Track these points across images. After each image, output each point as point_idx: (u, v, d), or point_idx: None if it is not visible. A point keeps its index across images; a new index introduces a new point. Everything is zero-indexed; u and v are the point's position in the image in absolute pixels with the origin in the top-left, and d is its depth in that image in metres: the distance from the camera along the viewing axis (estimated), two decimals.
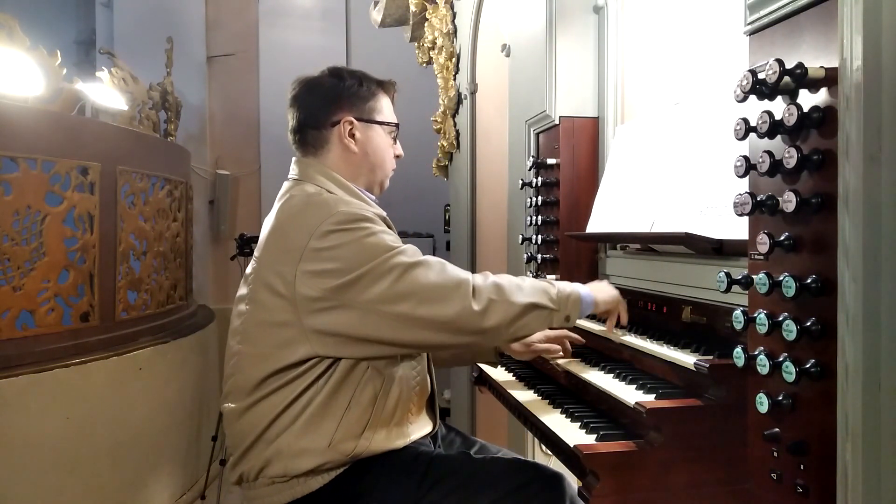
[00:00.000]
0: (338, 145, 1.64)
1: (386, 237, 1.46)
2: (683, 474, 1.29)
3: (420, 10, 3.73)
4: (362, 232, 1.44)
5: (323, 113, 1.64)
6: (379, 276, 1.41)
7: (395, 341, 1.44)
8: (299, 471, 1.45)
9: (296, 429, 1.45)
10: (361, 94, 1.67)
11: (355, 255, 1.42)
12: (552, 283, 1.56)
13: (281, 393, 1.46)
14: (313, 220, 1.45)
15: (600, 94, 2.12)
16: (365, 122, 1.66)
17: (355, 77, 1.68)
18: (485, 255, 3.19)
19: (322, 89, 1.66)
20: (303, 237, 1.44)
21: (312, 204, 1.51)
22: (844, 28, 0.92)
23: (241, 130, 5.77)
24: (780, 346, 1.03)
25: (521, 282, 1.52)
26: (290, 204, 1.56)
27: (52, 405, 2.81)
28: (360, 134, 1.65)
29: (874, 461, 0.90)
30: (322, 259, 1.42)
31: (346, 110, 1.64)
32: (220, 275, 5.64)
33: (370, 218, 1.48)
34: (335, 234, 1.43)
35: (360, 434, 1.47)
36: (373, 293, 1.40)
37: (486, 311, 1.43)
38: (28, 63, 3.03)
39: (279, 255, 1.48)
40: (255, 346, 1.50)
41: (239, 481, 1.55)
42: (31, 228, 2.88)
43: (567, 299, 1.54)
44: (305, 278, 1.42)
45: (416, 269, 1.43)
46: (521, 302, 1.47)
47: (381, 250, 1.43)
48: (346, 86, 1.66)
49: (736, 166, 1.12)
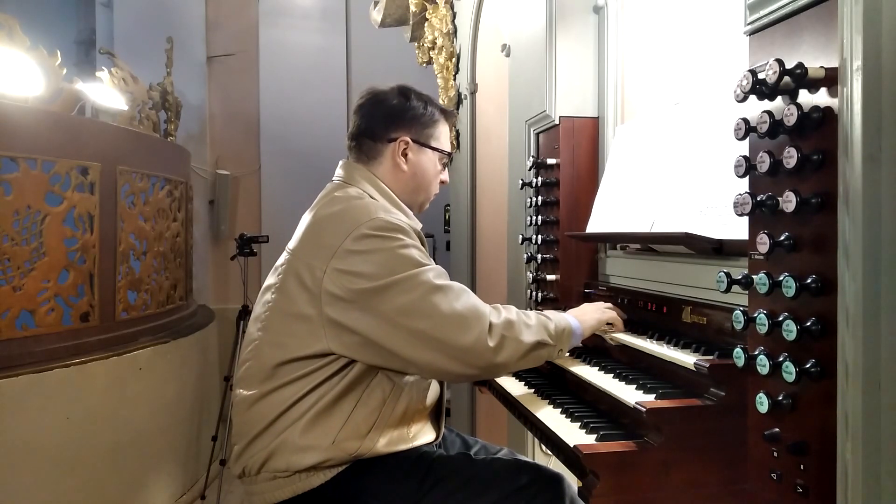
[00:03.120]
0: (389, 160, 1.70)
1: (416, 252, 1.49)
2: (683, 474, 1.29)
3: (420, 10, 3.73)
4: (397, 242, 1.47)
5: (382, 127, 1.70)
6: (405, 289, 1.43)
7: (406, 356, 1.45)
8: (301, 466, 1.46)
9: (302, 424, 1.46)
10: (423, 119, 1.73)
11: (385, 264, 1.45)
12: (549, 318, 1.60)
13: (294, 385, 1.48)
14: (351, 222, 1.49)
15: (600, 94, 2.12)
16: (420, 144, 1.72)
17: (422, 100, 1.75)
18: (485, 255, 3.19)
19: (387, 105, 1.72)
20: (339, 236, 1.47)
21: (353, 206, 1.55)
22: (844, 28, 0.92)
23: (241, 130, 5.77)
24: (780, 346, 1.03)
25: (528, 319, 1.55)
26: (332, 202, 1.60)
27: (52, 405, 2.81)
28: (413, 155, 1.71)
29: (874, 461, 0.90)
30: (354, 261, 1.45)
31: (405, 130, 1.70)
32: (220, 275, 5.64)
33: (405, 230, 1.51)
34: (370, 240, 1.46)
35: (365, 435, 1.48)
36: (395, 304, 1.43)
37: (499, 347, 1.46)
38: (28, 63, 3.03)
39: (314, 250, 1.51)
40: (273, 334, 1.53)
41: (241, 474, 1.56)
42: (31, 228, 2.88)
43: (562, 333, 1.59)
44: (334, 276, 1.45)
45: (440, 292, 1.45)
46: (529, 341, 1.51)
47: (411, 264, 1.46)
48: (410, 106, 1.72)
49: (736, 166, 1.12)
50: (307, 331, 1.47)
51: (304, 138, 5.70)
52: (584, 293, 2.07)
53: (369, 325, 1.43)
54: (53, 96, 3.21)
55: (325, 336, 1.46)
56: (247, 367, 1.57)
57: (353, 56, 5.95)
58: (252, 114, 5.80)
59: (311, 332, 1.47)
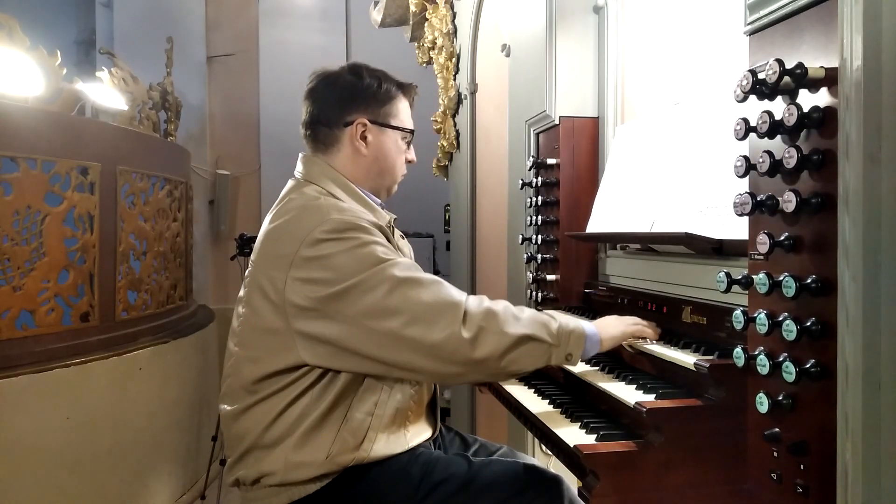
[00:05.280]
0: (348, 146, 1.60)
1: (377, 248, 1.41)
2: (683, 474, 1.29)
3: (420, 10, 3.73)
4: (353, 242, 1.40)
5: (336, 111, 1.60)
6: (367, 289, 1.36)
7: (381, 359, 1.38)
8: (297, 480, 1.44)
9: (292, 442, 1.43)
10: (379, 96, 1.62)
11: (344, 266, 1.37)
12: (554, 317, 1.47)
13: (274, 399, 1.45)
14: (305, 227, 1.42)
15: (600, 94, 2.11)
16: (379, 125, 1.62)
17: (375, 77, 1.63)
18: (485, 255, 3.19)
19: (338, 86, 1.62)
20: (294, 244, 1.41)
21: (306, 209, 1.48)
22: (844, 28, 0.92)
23: (241, 130, 5.77)
24: (780, 346, 1.03)
25: (520, 312, 1.44)
26: (287, 207, 1.52)
27: (52, 405, 2.81)
28: (373, 137, 1.61)
29: (874, 461, 0.90)
30: (312, 267, 1.39)
31: (360, 111, 1.60)
32: (220, 275, 5.64)
33: (363, 227, 1.43)
34: (325, 244, 1.39)
35: (359, 446, 1.45)
36: (360, 306, 1.35)
37: (476, 339, 1.35)
38: (28, 63, 3.03)
39: (271, 261, 1.46)
40: (249, 350, 1.49)
41: (235, 484, 1.54)
42: (31, 228, 2.88)
43: (569, 336, 1.45)
44: (295, 286, 1.39)
45: (407, 285, 1.37)
46: (515, 333, 1.39)
47: (371, 262, 1.38)
48: (364, 85, 1.61)
49: (736, 166, 1.12)
50: (278, 344, 1.42)
51: None
52: (584, 293, 2.07)
53: (338, 333, 1.37)
54: (53, 96, 3.21)
55: (296, 348, 1.41)
56: (228, 383, 1.53)
57: (353, 56, 5.95)
58: (252, 114, 5.80)
59: (282, 346, 1.42)
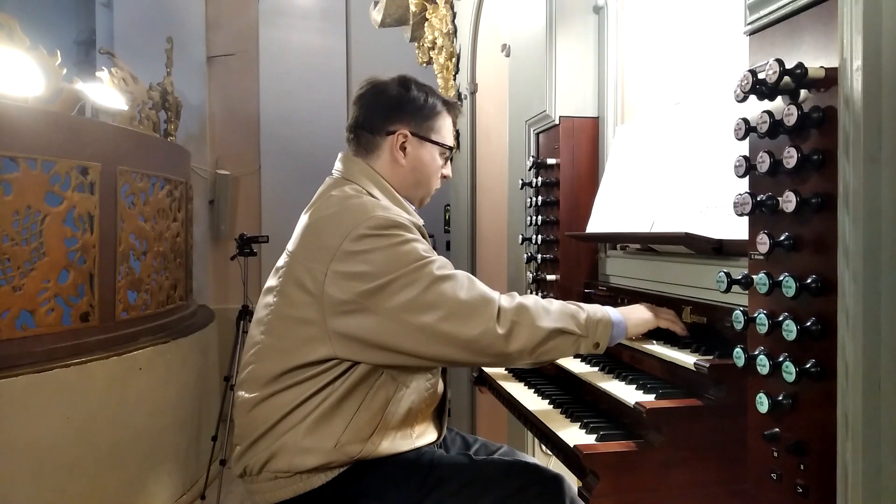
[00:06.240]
0: (388, 154, 1.65)
1: (418, 246, 1.46)
2: (683, 474, 1.29)
3: (420, 10, 3.73)
4: (396, 239, 1.44)
5: (381, 119, 1.65)
6: (406, 284, 1.40)
7: (415, 353, 1.42)
8: (303, 468, 1.46)
9: (304, 427, 1.45)
10: (424, 110, 1.68)
11: (386, 261, 1.42)
12: (581, 308, 1.51)
13: (296, 389, 1.47)
14: (349, 222, 1.46)
15: (600, 94, 2.11)
16: (420, 138, 1.67)
17: (423, 91, 1.69)
18: (485, 254, 3.19)
19: (386, 96, 1.67)
20: (337, 238, 1.45)
21: (350, 205, 1.52)
22: (844, 28, 0.92)
23: (241, 130, 5.77)
24: (780, 346, 1.03)
25: (549, 305, 1.49)
26: (329, 203, 1.56)
27: (52, 405, 2.81)
28: (412, 149, 1.66)
29: (874, 461, 0.90)
30: (354, 262, 1.42)
31: (404, 122, 1.66)
32: (220, 275, 5.64)
33: (405, 225, 1.48)
34: (369, 239, 1.43)
35: (368, 438, 1.47)
36: (398, 301, 1.40)
37: (510, 334, 1.41)
38: (28, 63, 3.03)
39: (312, 253, 1.49)
40: (278, 340, 1.51)
41: (242, 474, 1.56)
42: (31, 228, 2.89)
43: (597, 325, 1.49)
44: (335, 279, 1.43)
45: (445, 282, 1.42)
46: (547, 327, 1.44)
47: (411, 258, 1.43)
48: (410, 97, 1.67)
49: (736, 166, 1.12)
50: (311, 335, 1.45)
51: (304, 138, 5.70)
52: (585, 293, 2.07)
53: (375, 326, 1.41)
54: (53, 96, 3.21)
55: (329, 341, 1.44)
56: (250, 371, 1.55)
57: (353, 56, 5.95)
58: (252, 114, 5.80)
59: (314, 337, 1.45)
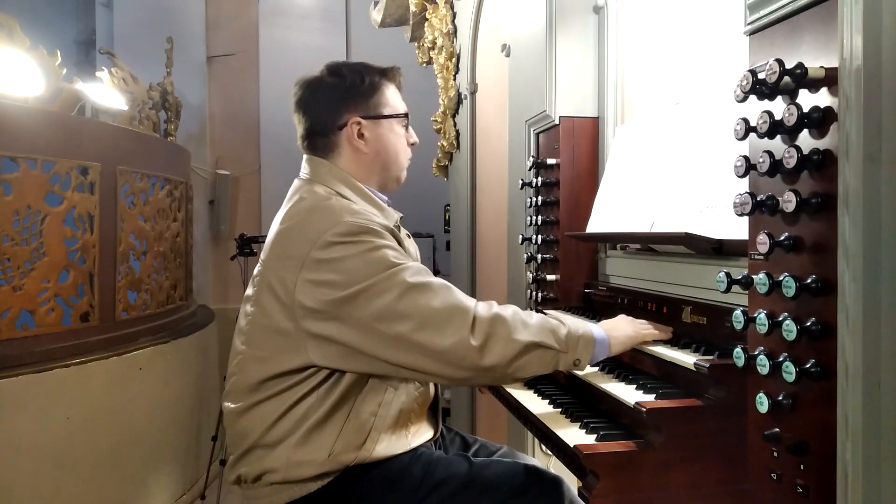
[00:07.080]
0: (348, 148, 1.59)
1: (389, 252, 1.41)
2: (683, 474, 1.29)
3: (420, 10, 3.73)
4: (365, 245, 1.40)
5: (329, 117, 1.59)
6: (378, 292, 1.36)
7: (392, 361, 1.39)
8: (298, 478, 1.44)
9: (295, 439, 1.43)
10: (364, 91, 1.61)
11: (356, 270, 1.38)
12: (563, 322, 1.47)
13: (279, 398, 1.45)
14: (317, 229, 1.42)
15: (600, 94, 2.11)
16: (372, 118, 1.60)
17: (356, 72, 1.62)
18: (485, 255, 3.19)
19: (324, 92, 1.61)
20: (305, 245, 1.41)
21: (318, 210, 1.48)
22: (844, 28, 0.92)
23: (241, 130, 5.77)
24: (780, 346, 1.03)
25: (528, 318, 1.44)
26: (298, 208, 1.52)
27: (52, 405, 2.81)
28: (369, 133, 1.60)
29: (874, 461, 0.90)
30: (323, 270, 1.39)
31: (351, 111, 1.59)
32: (220, 275, 5.64)
33: (375, 230, 1.43)
34: (338, 247, 1.39)
35: (361, 445, 1.45)
36: (370, 310, 1.36)
37: (484, 346, 1.37)
38: (28, 63, 3.03)
39: (283, 261, 1.45)
40: (256, 349, 1.49)
41: (237, 482, 1.54)
42: (31, 228, 2.89)
43: (577, 341, 1.45)
44: (306, 287, 1.39)
45: (418, 290, 1.38)
46: (523, 340, 1.39)
47: (383, 266, 1.38)
48: (347, 84, 1.60)
49: (736, 166, 1.12)
50: (287, 345, 1.42)
51: None
52: (584, 293, 2.07)
53: (348, 335, 1.38)
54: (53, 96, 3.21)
55: (306, 349, 1.41)
56: (233, 381, 1.53)
57: (353, 56, 5.95)
58: (252, 114, 5.80)
59: (291, 347, 1.42)
